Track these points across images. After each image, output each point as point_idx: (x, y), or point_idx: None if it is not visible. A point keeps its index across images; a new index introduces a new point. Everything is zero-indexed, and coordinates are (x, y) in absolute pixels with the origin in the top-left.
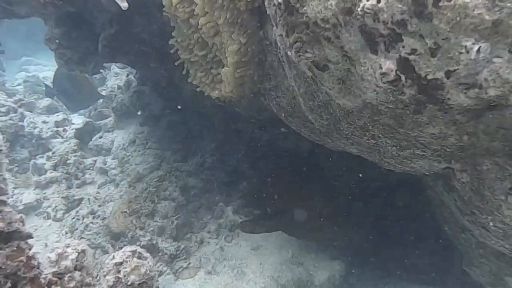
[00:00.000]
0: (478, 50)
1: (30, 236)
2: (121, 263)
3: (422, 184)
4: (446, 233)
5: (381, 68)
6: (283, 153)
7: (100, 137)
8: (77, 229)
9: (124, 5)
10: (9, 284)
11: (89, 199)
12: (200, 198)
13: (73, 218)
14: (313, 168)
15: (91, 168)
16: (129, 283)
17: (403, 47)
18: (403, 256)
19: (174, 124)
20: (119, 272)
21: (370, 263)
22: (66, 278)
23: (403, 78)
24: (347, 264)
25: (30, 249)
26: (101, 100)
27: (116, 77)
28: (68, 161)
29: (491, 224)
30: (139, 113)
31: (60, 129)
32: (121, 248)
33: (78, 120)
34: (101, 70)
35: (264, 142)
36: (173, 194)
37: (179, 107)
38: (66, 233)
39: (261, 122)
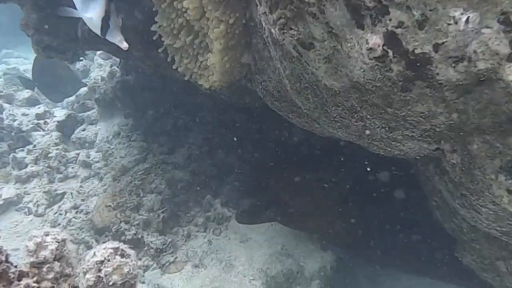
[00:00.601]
0: (467, 21)
1: None
2: (102, 262)
3: (414, 171)
4: (438, 220)
5: (367, 43)
6: (274, 143)
7: (83, 130)
8: (59, 224)
9: (124, 45)
10: None
11: (71, 193)
12: (188, 191)
13: (55, 213)
14: (306, 157)
15: (74, 162)
16: (110, 283)
17: (390, 20)
18: (396, 245)
19: (160, 115)
20: (100, 271)
21: (362, 253)
22: (44, 269)
23: (390, 53)
24: (338, 255)
25: None
26: (84, 90)
27: (99, 69)
28: (50, 155)
29: (481, 205)
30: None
31: (41, 121)
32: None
33: (60, 112)
34: (82, 58)
35: (254, 132)
36: (159, 187)
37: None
38: None
39: (250, 110)
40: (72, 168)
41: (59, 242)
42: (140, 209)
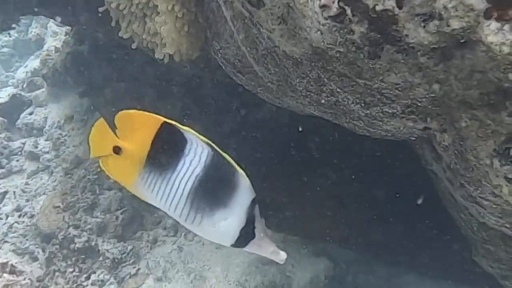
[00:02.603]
0: None
1: None
2: None
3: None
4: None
5: None
6: (259, 126)
7: (31, 114)
8: None
9: (281, 257)
10: None
11: (15, 192)
12: None
13: None
14: (298, 144)
15: (19, 153)
16: None
17: None
18: (411, 251)
19: (122, 92)
20: None
21: (372, 258)
22: None
23: (348, 11)
24: (336, 261)
25: None
26: (36, 65)
27: (54, 38)
28: None
29: (482, 197)
30: None
31: None
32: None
33: (4, 93)
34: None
35: (234, 112)
36: None
37: None
38: None
39: (230, 83)
40: (17, 161)
41: None
42: (95, 209)
